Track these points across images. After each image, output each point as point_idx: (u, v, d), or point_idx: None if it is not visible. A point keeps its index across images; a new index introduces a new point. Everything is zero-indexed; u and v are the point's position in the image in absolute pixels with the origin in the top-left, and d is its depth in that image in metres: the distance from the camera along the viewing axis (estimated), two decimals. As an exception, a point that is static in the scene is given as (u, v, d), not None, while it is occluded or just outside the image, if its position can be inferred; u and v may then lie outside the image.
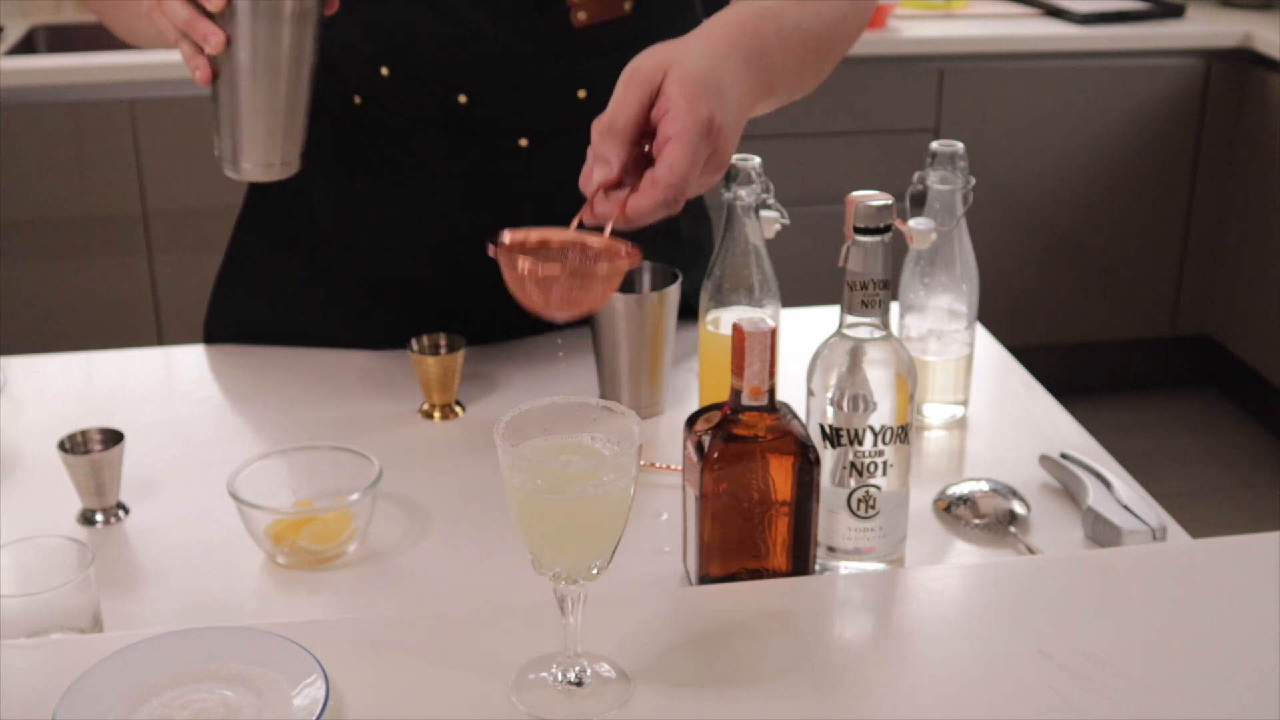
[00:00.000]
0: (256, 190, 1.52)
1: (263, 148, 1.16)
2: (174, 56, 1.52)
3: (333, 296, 1.49)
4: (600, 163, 0.96)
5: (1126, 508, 1.16)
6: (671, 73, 0.97)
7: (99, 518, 1.18)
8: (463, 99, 1.32)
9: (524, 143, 1.35)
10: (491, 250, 0.93)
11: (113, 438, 1.19)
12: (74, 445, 1.18)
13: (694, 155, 0.95)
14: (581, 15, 1.28)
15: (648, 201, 0.94)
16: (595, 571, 0.87)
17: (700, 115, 0.95)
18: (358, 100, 1.37)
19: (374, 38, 1.33)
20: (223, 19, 1.10)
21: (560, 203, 1.10)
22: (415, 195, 1.41)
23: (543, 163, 1.35)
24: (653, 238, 1.40)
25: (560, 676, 0.89)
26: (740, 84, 1.02)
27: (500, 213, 1.29)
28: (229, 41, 1.11)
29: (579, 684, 0.89)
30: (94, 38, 3.26)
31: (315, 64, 1.16)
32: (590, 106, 1.27)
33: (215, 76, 1.12)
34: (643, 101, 0.97)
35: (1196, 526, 1.26)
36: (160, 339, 3.00)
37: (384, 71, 1.34)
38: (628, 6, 1.29)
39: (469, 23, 1.30)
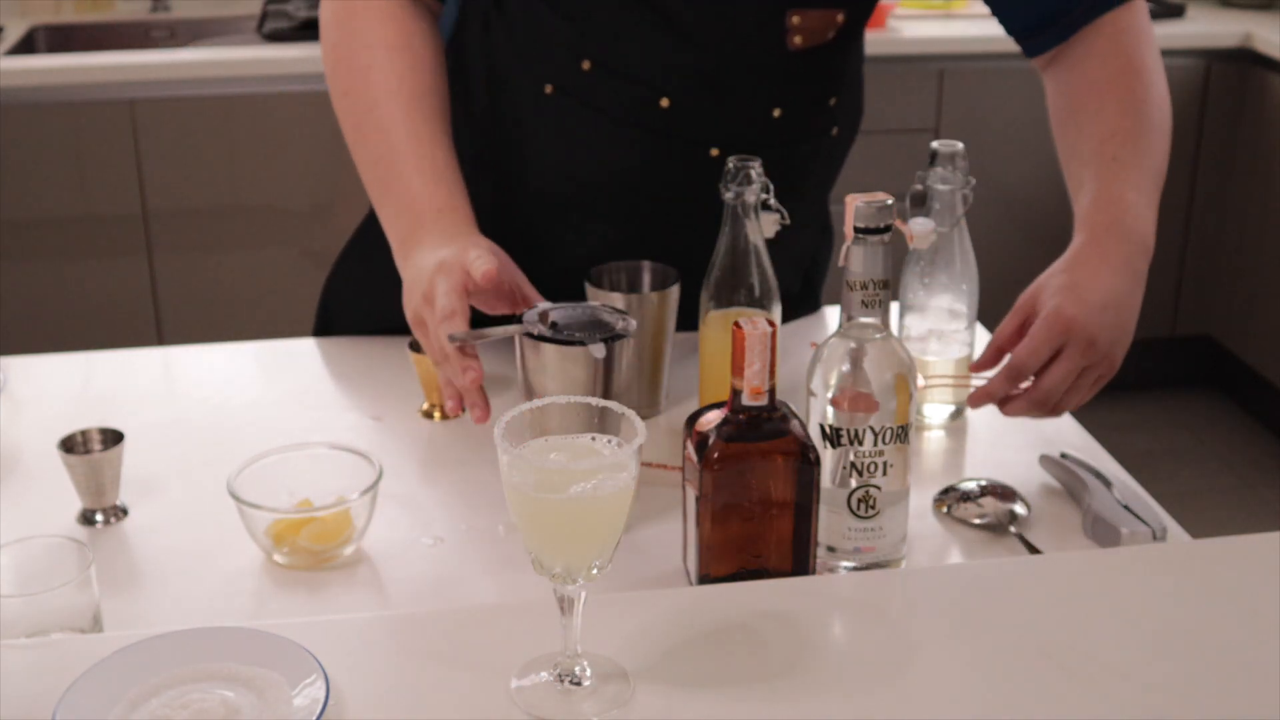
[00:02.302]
0: None
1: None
2: (173, 56, 1.52)
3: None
4: (985, 354, 1.24)
5: (1126, 508, 1.16)
6: (1039, 294, 1.21)
7: (99, 518, 1.18)
8: (665, 103, 1.34)
9: (715, 152, 1.37)
10: None
11: (113, 438, 1.19)
12: (74, 445, 1.18)
13: (1035, 341, 1.18)
14: (798, 40, 1.34)
15: (997, 380, 1.20)
16: (595, 571, 0.87)
17: (1049, 314, 1.18)
18: (548, 90, 1.36)
19: (580, 31, 1.34)
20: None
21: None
22: (587, 188, 1.40)
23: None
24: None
25: (560, 676, 0.89)
26: (1102, 275, 1.20)
27: (674, 211, 1.39)
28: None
29: (579, 684, 0.89)
30: (94, 38, 3.27)
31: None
32: (783, 125, 1.39)
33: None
34: (1017, 323, 1.21)
35: (1196, 526, 1.26)
36: (160, 339, 3.00)
37: (585, 65, 1.34)
38: (831, 35, 1.36)
39: (684, 28, 1.32)
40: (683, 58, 1.33)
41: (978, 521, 1.18)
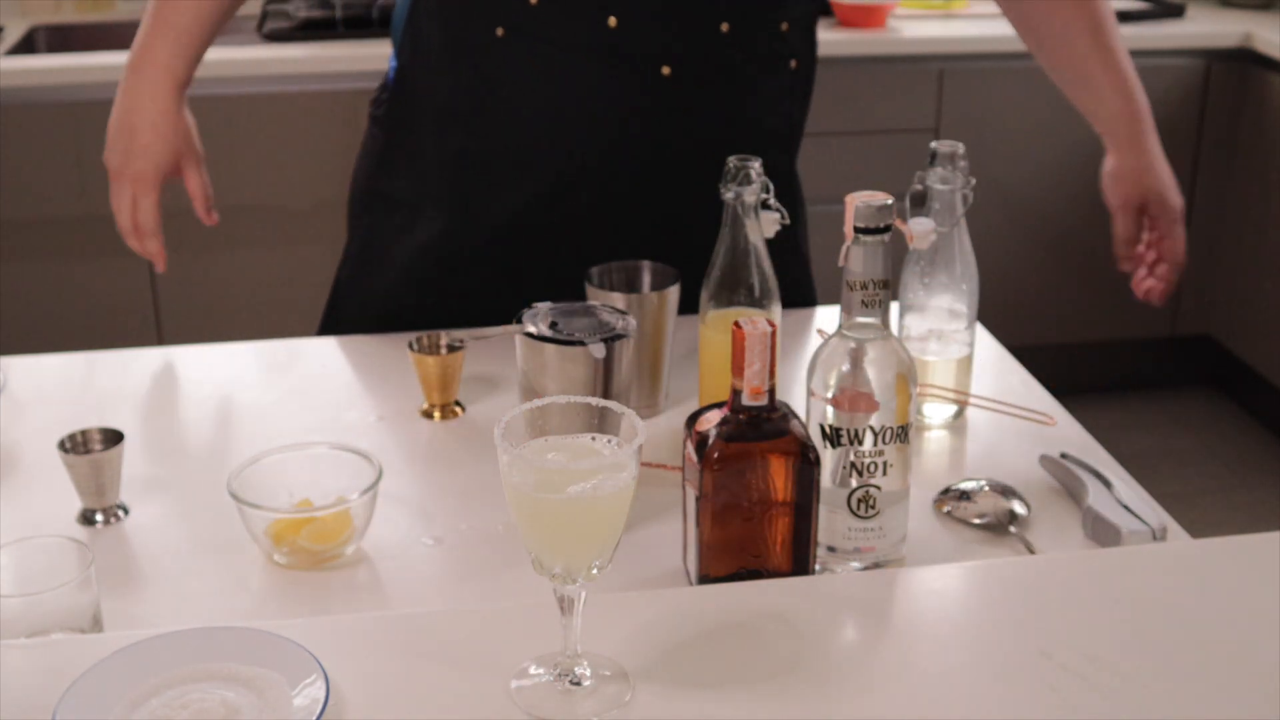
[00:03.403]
0: (376, 158, 1.56)
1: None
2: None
3: (451, 270, 1.51)
4: (1122, 251, 1.63)
5: (1126, 508, 1.16)
6: (1139, 181, 1.56)
7: (99, 518, 1.18)
8: (612, 21, 1.36)
9: (666, 71, 1.39)
10: None
11: (113, 438, 1.19)
12: (74, 445, 1.18)
13: (1174, 228, 1.60)
14: None
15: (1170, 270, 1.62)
16: (595, 571, 0.87)
17: (1173, 206, 1.59)
18: (500, 32, 1.39)
19: None
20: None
21: (695, 130, 1.37)
22: (551, 125, 1.42)
23: (682, 92, 1.39)
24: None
25: (560, 676, 0.89)
26: (1162, 160, 1.55)
27: (639, 143, 1.42)
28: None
29: (579, 684, 0.89)
30: (94, 38, 3.26)
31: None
32: (732, 42, 1.42)
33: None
34: (1134, 217, 1.60)
35: (1196, 526, 1.26)
36: (160, 339, 3.00)
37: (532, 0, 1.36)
38: None
39: None
40: None
41: (978, 521, 1.18)
